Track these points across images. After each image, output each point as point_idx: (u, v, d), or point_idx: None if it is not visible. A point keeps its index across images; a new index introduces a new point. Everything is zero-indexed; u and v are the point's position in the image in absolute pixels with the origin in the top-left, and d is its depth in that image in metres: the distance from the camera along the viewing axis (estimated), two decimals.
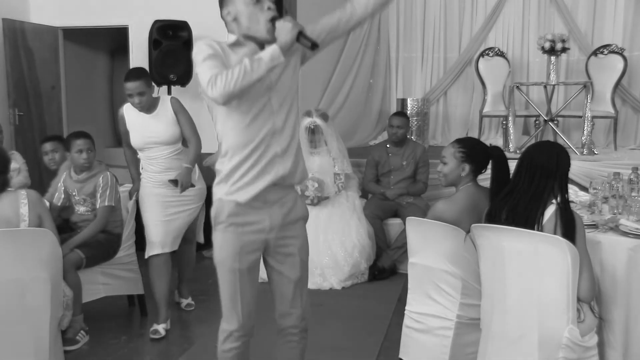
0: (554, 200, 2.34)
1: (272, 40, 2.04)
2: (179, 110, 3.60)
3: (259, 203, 2.13)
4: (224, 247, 2.16)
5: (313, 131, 4.87)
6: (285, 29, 1.99)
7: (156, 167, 3.59)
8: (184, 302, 4.11)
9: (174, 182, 3.50)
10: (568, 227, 2.28)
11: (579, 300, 2.28)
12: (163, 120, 3.55)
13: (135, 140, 3.59)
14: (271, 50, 1.98)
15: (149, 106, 3.54)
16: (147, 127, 3.55)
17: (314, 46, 2.04)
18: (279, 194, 2.16)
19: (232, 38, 2.14)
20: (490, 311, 2.46)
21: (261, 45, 2.11)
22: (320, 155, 4.87)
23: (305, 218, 2.29)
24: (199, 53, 2.04)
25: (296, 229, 2.25)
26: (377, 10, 2.21)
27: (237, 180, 2.10)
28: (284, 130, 2.13)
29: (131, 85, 3.45)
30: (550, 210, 2.33)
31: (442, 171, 2.94)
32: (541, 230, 2.30)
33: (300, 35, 2.02)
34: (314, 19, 2.23)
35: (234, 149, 2.10)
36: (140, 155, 3.66)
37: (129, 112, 3.61)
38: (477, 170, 2.90)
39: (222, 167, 2.14)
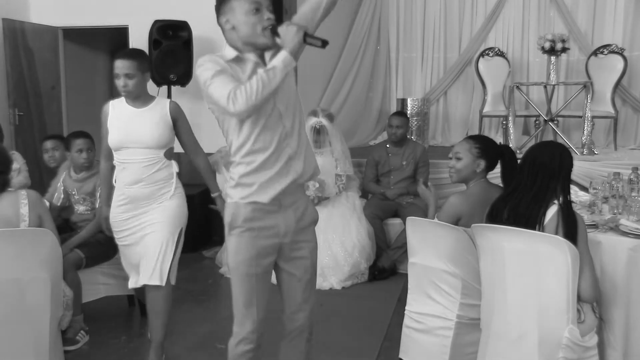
0: (556, 201, 2.34)
1: (273, 46, 2.08)
2: (179, 117, 3.16)
3: (275, 207, 2.15)
4: (239, 252, 2.18)
5: (318, 131, 4.87)
6: (290, 33, 2.01)
7: (127, 176, 3.02)
8: None
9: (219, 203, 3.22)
10: (570, 227, 2.28)
11: (580, 300, 2.28)
12: (153, 119, 3.04)
13: (113, 137, 3.03)
14: (282, 57, 2.00)
15: (136, 96, 3.03)
16: (130, 123, 3.02)
17: (324, 44, 2.05)
18: (292, 197, 2.19)
19: (232, 53, 2.12)
20: (490, 311, 2.46)
21: (261, 52, 2.13)
22: (323, 155, 4.87)
23: (315, 222, 2.33)
24: (206, 70, 2.04)
25: (308, 233, 2.29)
26: None
27: (255, 183, 2.12)
28: (293, 131, 2.16)
29: (119, 64, 2.96)
30: (552, 211, 2.32)
31: (455, 166, 2.93)
32: (542, 231, 2.30)
33: (307, 36, 2.04)
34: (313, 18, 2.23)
35: (249, 156, 2.12)
36: (115, 159, 3.08)
37: (115, 107, 3.09)
38: (490, 167, 2.92)
39: (238, 171, 2.16)
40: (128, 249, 3.14)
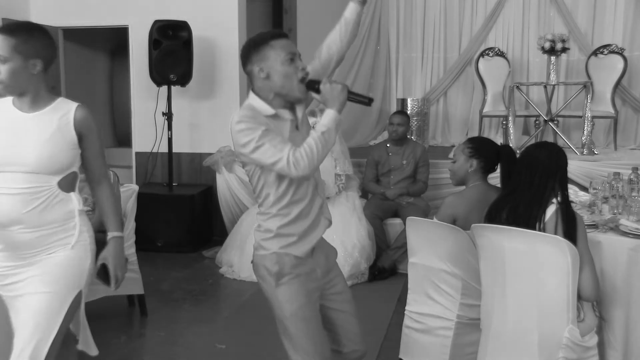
0: (554, 200, 2.35)
1: (305, 99, 2.11)
2: (88, 131, 2.20)
3: (309, 252, 2.16)
4: (295, 299, 2.12)
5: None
6: (335, 91, 2.02)
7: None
8: None
9: (102, 271, 2.18)
10: (569, 226, 2.29)
11: (580, 299, 2.29)
12: (44, 130, 2.10)
13: None
14: (332, 116, 2.01)
15: (20, 93, 2.13)
16: (11, 133, 2.08)
17: (370, 101, 2.08)
18: (319, 240, 2.21)
19: (269, 110, 2.07)
20: (490, 311, 2.46)
21: (291, 105, 2.12)
22: None
23: (336, 256, 2.35)
24: (251, 130, 1.98)
25: (336, 268, 2.32)
26: (351, 40, 2.27)
27: (295, 234, 2.11)
28: (319, 180, 2.18)
29: None
30: (551, 210, 2.33)
31: (452, 169, 2.97)
32: (542, 230, 2.30)
33: (351, 94, 2.05)
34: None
35: (287, 208, 2.09)
36: None
37: None
38: (486, 167, 2.92)
39: (274, 223, 2.10)
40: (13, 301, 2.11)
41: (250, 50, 2.06)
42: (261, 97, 2.09)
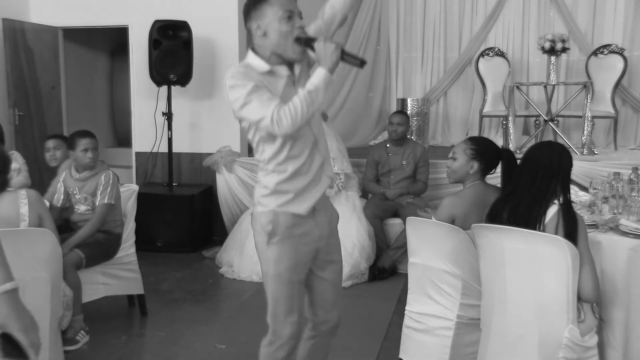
0: (556, 201, 2.34)
1: (302, 59, 2.08)
2: None
3: (310, 213, 2.15)
4: (282, 260, 2.14)
5: None
6: (328, 50, 1.98)
7: None
8: None
9: (7, 343, 1.39)
10: (570, 227, 2.28)
11: (580, 300, 2.28)
12: None
13: None
14: (323, 76, 1.98)
15: None
16: None
17: (362, 63, 2.03)
18: (322, 201, 2.20)
19: (264, 66, 2.07)
20: (490, 311, 2.46)
21: (289, 63, 2.10)
22: None
23: (338, 221, 2.34)
24: (240, 88, 1.99)
25: (336, 235, 2.30)
26: (353, 1, 2.23)
27: (291, 191, 2.10)
28: (320, 138, 2.16)
29: None
30: (552, 210, 2.33)
31: (451, 167, 2.96)
32: (543, 230, 2.30)
33: (345, 54, 2.01)
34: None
35: (283, 164, 2.09)
36: None
37: None
38: (486, 169, 2.92)
39: (272, 179, 2.11)
40: None
41: (250, 7, 2.06)
42: (259, 55, 2.08)
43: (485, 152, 2.90)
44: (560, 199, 2.35)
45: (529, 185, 2.38)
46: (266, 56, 2.08)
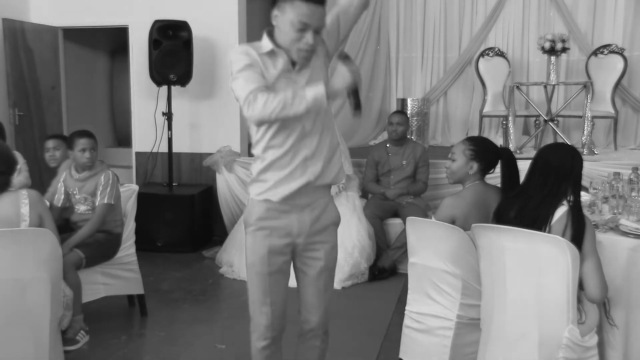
0: (565, 202, 2.34)
1: (303, 65, 2.06)
2: None
3: (287, 207, 2.14)
4: (254, 251, 2.18)
5: None
6: (344, 77, 1.95)
7: None
8: None
9: None
10: (579, 228, 2.28)
11: (581, 301, 2.28)
12: None
13: None
14: (316, 92, 1.92)
15: None
16: None
17: (357, 111, 2.00)
18: (309, 198, 2.17)
19: (268, 46, 2.07)
20: (490, 311, 2.46)
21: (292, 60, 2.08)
22: None
23: (336, 223, 2.30)
24: (236, 62, 2.02)
25: (326, 235, 2.26)
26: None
27: (270, 180, 2.12)
28: (314, 133, 2.12)
29: None
30: (560, 211, 2.32)
31: (450, 167, 2.95)
32: (549, 231, 2.29)
33: (353, 92, 1.97)
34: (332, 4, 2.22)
35: (266, 152, 2.11)
36: None
37: None
38: (486, 169, 2.91)
39: (256, 167, 2.15)
40: None
41: None
42: (271, 36, 2.07)
43: (484, 152, 2.89)
44: (570, 200, 2.34)
45: (540, 185, 2.37)
46: (278, 42, 2.06)
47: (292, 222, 2.17)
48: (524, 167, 2.60)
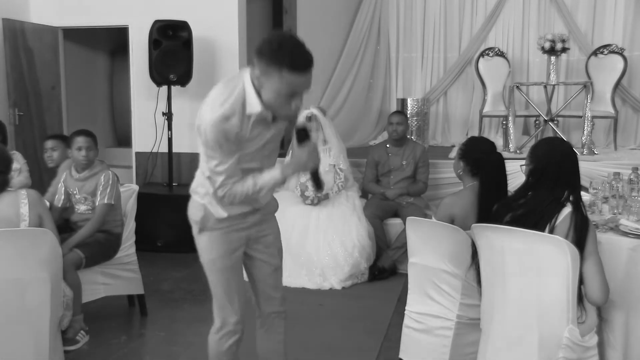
0: (568, 203, 2.33)
1: (286, 120, 2.14)
2: None
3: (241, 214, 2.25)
4: (213, 248, 2.25)
5: (309, 119, 4.83)
6: (302, 159, 2.08)
7: None
8: None
9: None
10: (581, 230, 2.27)
11: (582, 302, 2.28)
12: None
13: None
14: (275, 179, 2.09)
15: None
16: None
17: (318, 188, 2.18)
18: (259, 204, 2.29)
19: (257, 108, 2.01)
20: (490, 311, 2.46)
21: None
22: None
23: (276, 211, 2.42)
24: (211, 134, 2.04)
25: (271, 222, 2.39)
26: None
27: (219, 202, 2.18)
28: (262, 169, 2.17)
29: None
30: (564, 212, 2.31)
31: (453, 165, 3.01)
32: (552, 232, 2.29)
33: (314, 174, 2.13)
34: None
35: (219, 178, 2.11)
36: None
37: None
38: (472, 169, 2.89)
39: (205, 187, 2.19)
40: None
41: (261, 56, 1.93)
42: (254, 86, 2.01)
43: (470, 152, 2.88)
44: (572, 199, 2.32)
45: (542, 186, 2.36)
46: (263, 99, 2.01)
47: (247, 219, 2.26)
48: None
